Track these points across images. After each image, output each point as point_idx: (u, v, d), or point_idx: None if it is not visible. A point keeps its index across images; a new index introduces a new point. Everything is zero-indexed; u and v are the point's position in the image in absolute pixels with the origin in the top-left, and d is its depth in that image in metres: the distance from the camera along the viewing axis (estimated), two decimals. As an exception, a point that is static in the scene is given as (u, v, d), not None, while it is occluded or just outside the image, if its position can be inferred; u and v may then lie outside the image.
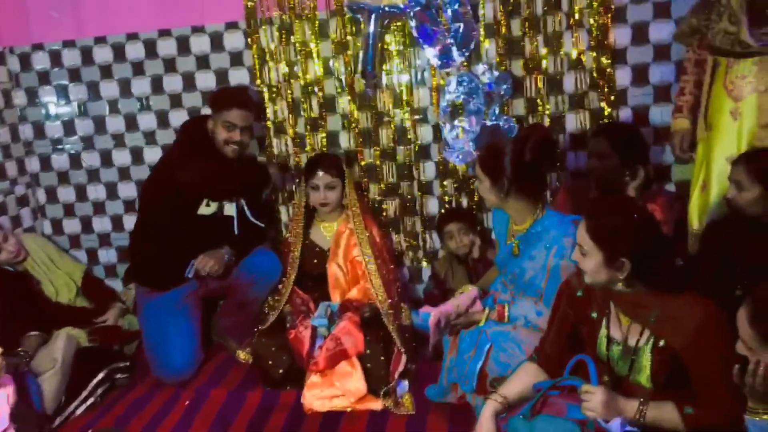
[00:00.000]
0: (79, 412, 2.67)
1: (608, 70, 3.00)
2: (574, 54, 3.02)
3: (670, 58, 2.99)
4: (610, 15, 2.95)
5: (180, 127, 3.17)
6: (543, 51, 3.04)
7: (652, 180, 2.96)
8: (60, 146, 3.56)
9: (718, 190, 2.53)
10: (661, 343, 1.77)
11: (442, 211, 3.28)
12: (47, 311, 2.96)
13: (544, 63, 3.05)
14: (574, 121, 3.10)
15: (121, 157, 3.53)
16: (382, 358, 2.67)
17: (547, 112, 3.10)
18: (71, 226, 3.66)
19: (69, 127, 3.53)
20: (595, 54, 3.00)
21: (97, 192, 3.60)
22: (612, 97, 3.02)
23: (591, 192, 2.78)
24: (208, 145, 2.94)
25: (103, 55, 3.40)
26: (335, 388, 2.60)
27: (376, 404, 2.58)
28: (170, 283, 2.92)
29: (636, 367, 1.82)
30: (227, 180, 2.95)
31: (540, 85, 3.07)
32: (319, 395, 2.60)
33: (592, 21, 2.96)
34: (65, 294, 3.16)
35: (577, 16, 2.98)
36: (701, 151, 2.65)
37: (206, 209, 2.98)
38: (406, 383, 2.68)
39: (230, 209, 3.05)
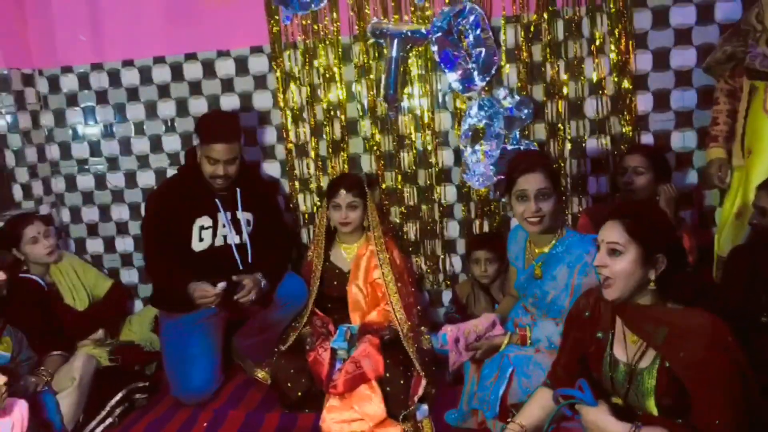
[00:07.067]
0: (98, 431, 2.67)
1: (629, 95, 3.01)
2: (595, 79, 3.03)
3: (691, 85, 3.00)
4: (632, 42, 2.97)
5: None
6: (564, 76, 3.06)
7: (678, 204, 2.94)
8: (86, 167, 3.62)
9: None
10: (667, 364, 1.71)
11: (475, 233, 3.27)
12: (69, 325, 2.95)
13: (565, 88, 3.07)
14: (595, 146, 3.10)
15: (145, 178, 3.58)
16: (402, 381, 2.65)
17: (568, 136, 3.11)
18: (94, 245, 3.70)
19: (95, 148, 3.59)
20: (616, 79, 3.01)
21: (120, 212, 3.64)
22: (633, 122, 3.02)
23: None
24: (189, 174, 2.96)
25: (130, 77, 3.47)
26: (354, 412, 2.58)
27: (396, 428, 2.55)
28: (183, 310, 2.85)
29: (641, 389, 1.76)
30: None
31: (561, 109, 3.08)
32: (338, 419, 2.58)
33: (613, 47, 2.98)
34: (79, 306, 3.14)
35: (598, 43, 3.00)
36: (737, 178, 2.63)
37: (200, 245, 2.93)
38: (425, 407, 2.65)
39: (231, 237, 2.96)
